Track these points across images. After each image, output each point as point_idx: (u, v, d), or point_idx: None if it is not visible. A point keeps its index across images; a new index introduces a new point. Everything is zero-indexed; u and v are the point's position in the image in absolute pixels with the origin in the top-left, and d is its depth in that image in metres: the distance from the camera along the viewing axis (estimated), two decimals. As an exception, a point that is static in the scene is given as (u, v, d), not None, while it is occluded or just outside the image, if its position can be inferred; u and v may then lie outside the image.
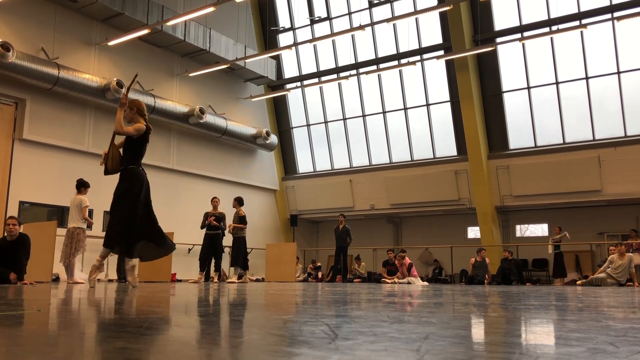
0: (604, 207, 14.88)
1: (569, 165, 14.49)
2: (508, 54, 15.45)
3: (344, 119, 18.05)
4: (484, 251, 13.97)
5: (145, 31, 13.22)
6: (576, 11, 14.29)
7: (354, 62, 17.56)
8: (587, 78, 14.45)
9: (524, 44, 14.82)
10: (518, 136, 15.58)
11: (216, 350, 1.46)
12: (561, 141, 15.00)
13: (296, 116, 18.99)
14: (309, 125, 18.70)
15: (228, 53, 15.98)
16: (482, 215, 15.44)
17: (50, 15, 12.53)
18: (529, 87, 15.26)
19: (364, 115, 17.72)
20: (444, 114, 16.51)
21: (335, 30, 17.02)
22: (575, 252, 15.11)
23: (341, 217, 13.91)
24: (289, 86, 18.60)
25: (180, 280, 12.59)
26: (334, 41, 17.57)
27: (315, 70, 18.25)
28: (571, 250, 14.89)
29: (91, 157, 12.64)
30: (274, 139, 17.83)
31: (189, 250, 14.66)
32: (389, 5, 16.66)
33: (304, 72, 18.46)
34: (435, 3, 15.54)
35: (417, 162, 16.91)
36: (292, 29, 18.35)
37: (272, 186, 18.73)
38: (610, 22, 13.72)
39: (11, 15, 11.81)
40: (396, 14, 16.09)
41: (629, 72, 14.01)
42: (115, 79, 12.85)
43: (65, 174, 12.08)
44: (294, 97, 18.80)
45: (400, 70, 16.57)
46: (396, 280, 13.04)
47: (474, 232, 17.00)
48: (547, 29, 14.49)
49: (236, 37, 16.72)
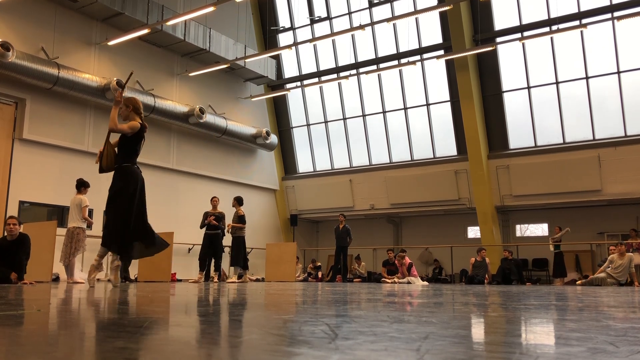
0: (604, 206, 14.88)
1: (569, 165, 14.49)
2: (508, 53, 15.45)
3: (344, 118, 18.05)
4: (484, 251, 13.97)
5: (145, 31, 13.22)
6: (576, 11, 14.29)
7: (354, 61, 17.56)
8: (587, 78, 14.45)
9: (524, 44, 14.82)
10: (518, 136, 15.58)
11: (216, 350, 1.46)
12: (561, 141, 15.01)
13: (296, 116, 18.98)
14: (309, 125, 18.70)
15: (228, 53, 15.98)
16: (482, 215, 15.45)
17: (50, 15, 12.53)
18: (529, 87, 15.26)
19: (364, 115, 17.72)
20: (444, 114, 16.51)
21: (335, 30, 17.01)
22: (575, 251, 15.11)
23: (341, 217, 13.90)
24: (289, 86, 18.59)
25: (180, 280, 12.59)
26: (334, 41, 17.56)
27: (315, 70, 18.24)
28: (571, 250, 14.90)
29: (91, 156, 12.62)
30: (274, 138, 17.82)
31: (189, 250, 14.67)
32: (389, 5, 16.66)
33: (304, 72, 18.45)
34: (435, 3, 15.54)
35: (417, 162, 16.91)
36: (292, 28, 18.34)
37: (272, 186, 18.73)
38: (610, 22, 13.72)
39: (11, 15, 11.81)
40: (396, 14, 16.09)
41: (629, 72, 14.01)
42: (115, 78, 12.85)
43: (65, 174, 12.08)
44: (294, 96, 18.80)
45: (400, 70, 16.57)
46: (396, 280, 13.05)
47: (474, 232, 17.00)
48: (547, 29, 14.49)
49: (236, 37, 16.72)
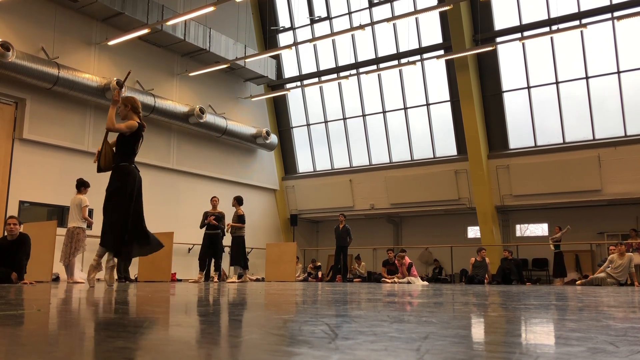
0: (604, 206, 14.88)
1: (569, 165, 14.49)
2: (508, 53, 15.44)
3: (344, 118, 18.04)
4: (483, 251, 13.97)
5: (145, 31, 13.22)
6: (576, 11, 14.29)
7: (354, 61, 17.56)
8: (587, 78, 14.45)
9: (524, 44, 14.81)
10: (518, 136, 15.58)
11: (216, 350, 1.46)
12: (561, 141, 15.00)
13: (296, 116, 18.98)
14: (309, 125, 18.69)
15: (228, 53, 15.98)
16: (482, 215, 15.45)
17: (50, 14, 12.53)
18: (529, 87, 15.25)
19: (364, 115, 17.72)
20: (444, 114, 16.51)
21: (335, 30, 17.00)
22: (575, 251, 15.11)
23: (341, 217, 13.90)
24: (289, 86, 18.59)
25: (180, 280, 12.59)
26: (334, 41, 17.56)
27: (315, 69, 18.24)
28: (571, 250, 14.90)
29: (91, 156, 12.59)
30: (274, 138, 17.82)
31: (189, 249, 14.67)
32: (389, 4, 16.66)
33: (304, 72, 18.45)
34: (435, 3, 15.53)
35: (417, 162, 16.90)
36: (292, 28, 18.34)
37: (272, 186, 18.73)
38: (610, 22, 13.72)
39: (11, 15, 11.81)
40: (396, 14, 16.09)
41: (629, 72, 14.01)
42: (115, 78, 12.85)
43: (65, 174, 12.08)
44: (294, 96, 18.80)
45: (400, 70, 16.56)
46: (396, 279, 13.05)
47: (474, 232, 17.00)
48: (547, 29, 14.49)
49: (236, 37, 16.72)
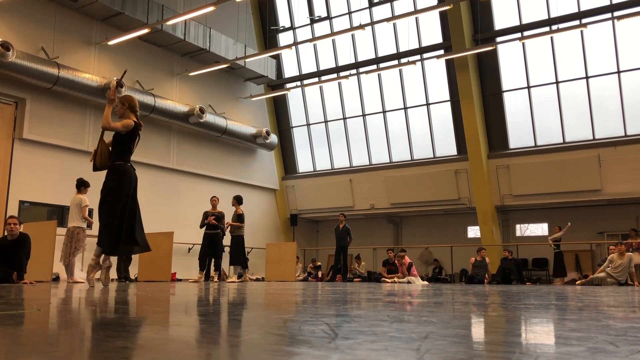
0: (604, 206, 14.88)
1: (569, 164, 14.49)
2: (508, 53, 15.44)
3: (344, 118, 18.04)
4: (483, 251, 13.98)
5: (145, 30, 13.22)
6: (576, 10, 14.28)
7: (354, 61, 17.55)
8: (587, 77, 14.45)
9: (524, 44, 14.81)
10: (518, 136, 15.57)
11: (216, 350, 1.46)
12: (561, 141, 15.00)
13: (296, 115, 18.98)
14: (309, 125, 18.69)
15: (228, 52, 15.98)
16: (482, 215, 15.44)
17: (50, 14, 12.53)
18: (529, 87, 15.25)
19: (364, 115, 17.71)
20: (444, 114, 16.51)
21: (335, 30, 17.00)
22: (575, 251, 15.11)
23: (341, 217, 13.90)
24: (289, 85, 18.59)
25: (180, 280, 12.59)
26: (334, 40, 17.56)
27: (315, 69, 18.24)
28: (571, 250, 14.91)
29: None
30: (274, 138, 17.82)
31: (188, 249, 14.67)
32: (389, 4, 16.65)
33: (304, 72, 18.45)
34: (435, 2, 15.53)
35: (417, 162, 16.90)
36: (292, 28, 18.34)
37: (272, 185, 18.73)
38: (611, 22, 13.72)
39: (11, 15, 11.81)
40: (396, 14, 16.09)
41: (629, 72, 14.00)
42: (115, 78, 12.85)
43: (65, 174, 12.08)
44: (294, 96, 18.79)
45: (400, 70, 16.56)
46: (396, 279, 13.05)
47: (474, 232, 17.00)
48: (547, 29, 14.48)
49: (236, 37, 16.71)
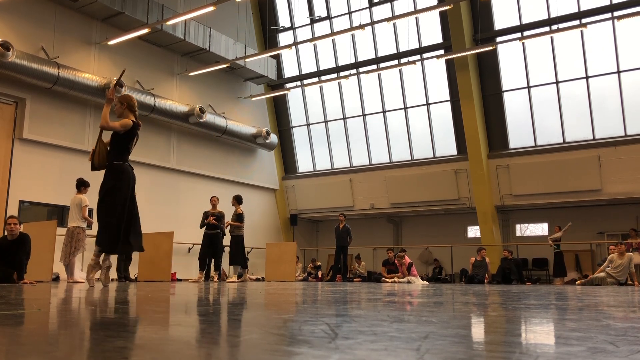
0: (604, 206, 14.88)
1: (569, 164, 14.49)
2: (508, 53, 15.44)
3: (344, 118, 18.04)
4: (483, 250, 13.98)
5: (145, 30, 13.22)
6: (576, 10, 14.28)
7: (354, 61, 17.55)
8: (587, 77, 14.44)
9: (524, 43, 14.81)
10: (518, 135, 15.57)
11: (216, 350, 1.46)
12: (561, 140, 15.00)
13: (296, 115, 18.98)
14: (309, 125, 18.69)
15: (228, 52, 15.98)
16: (482, 215, 15.44)
17: (50, 14, 12.52)
18: (529, 87, 15.25)
19: (364, 115, 17.71)
20: (444, 114, 16.51)
21: (335, 30, 17.00)
22: (575, 251, 15.11)
23: (341, 217, 13.90)
24: (289, 85, 18.58)
25: (180, 280, 12.60)
26: (334, 40, 17.55)
27: (315, 69, 18.23)
28: (571, 250, 14.91)
29: (91, 156, 12.63)
30: (274, 138, 17.82)
31: (189, 249, 14.67)
32: (389, 4, 16.65)
33: (304, 72, 18.44)
34: (435, 2, 15.53)
35: (417, 162, 16.90)
36: (292, 28, 18.34)
37: (272, 185, 18.73)
38: (611, 22, 13.71)
39: (11, 15, 11.81)
40: (396, 13, 16.08)
41: (629, 72, 14.00)
42: (115, 78, 12.85)
43: (65, 174, 12.08)
44: (294, 96, 18.79)
45: (400, 70, 16.56)
46: (396, 279, 13.05)
47: (474, 232, 17.00)
48: (547, 28, 14.48)
49: (236, 37, 16.71)
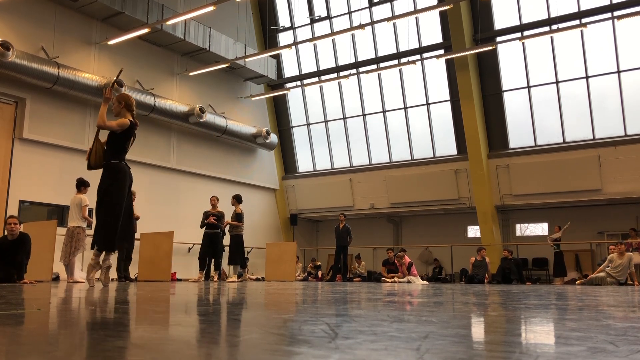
0: (604, 206, 14.88)
1: (569, 164, 14.49)
2: (508, 53, 15.44)
3: (344, 118, 18.04)
4: (483, 250, 13.98)
5: (145, 30, 13.22)
6: (576, 10, 14.28)
7: (354, 61, 17.55)
8: (587, 77, 14.44)
9: (524, 43, 14.81)
10: (518, 135, 15.57)
11: (216, 350, 1.46)
12: (561, 140, 15.00)
13: (296, 115, 18.98)
14: (309, 125, 18.69)
15: (228, 52, 15.97)
16: (482, 215, 15.44)
17: (50, 14, 12.52)
18: (529, 86, 15.25)
19: (364, 115, 17.71)
20: (444, 113, 16.51)
21: (335, 30, 17.00)
22: (575, 251, 15.12)
23: (341, 216, 13.90)
24: (289, 85, 18.58)
25: (180, 280, 12.60)
26: (334, 40, 17.55)
27: (315, 69, 18.23)
28: (571, 250, 14.91)
29: (91, 156, 12.62)
30: (274, 138, 17.82)
31: (189, 249, 14.67)
32: (389, 4, 16.64)
33: (304, 71, 18.44)
34: (435, 2, 15.53)
35: (417, 162, 16.90)
36: (292, 28, 18.34)
37: (272, 185, 18.73)
38: (611, 21, 13.71)
39: (11, 15, 11.81)
40: (396, 13, 16.08)
41: (629, 71, 14.00)
42: (114, 78, 12.83)
43: (65, 173, 12.08)
44: (294, 96, 18.79)
45: (400, 70, 16.56)
46: (396, 279, 13.05)
47: (474, 231, 17.00)
48: (547, 28, 14.48)
49: (236, 36, 16.71)
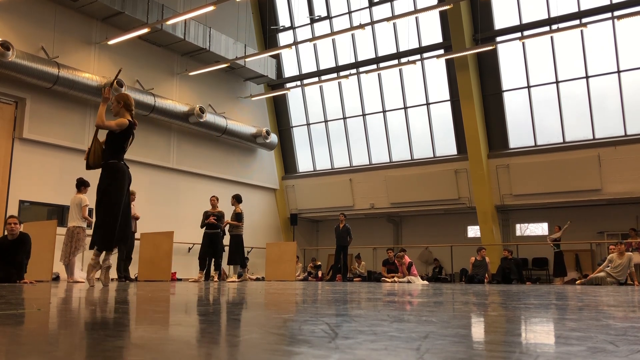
0: (603, 206, 14.88)
1: (569, 164, 14.49)
2: (508, 52, 15.44)
3: (344, 118, 18.04)
4: (483, 250, 13.98)
5: (145, 30, 13.22)
6: (576, 10, 14.28)
7: (354, 61, 17.55)
8: (587, 77, 14.44)
9: (524, 43, 14.80)
10: (518, 135, 15.57)
11: (216, 350, 1.46)
12: (561, 140, 15.00)
13: (296, 115, 18.98)
14: (309, 125, 18.69)
15: (228, 52, 15.97)
16: (482, 214, 15.44)
17: (50, 14, 12.52)
18: (529, 86, 15.25)
19: (364, 115, 17.71)
20: (444, 113, 16.50)
21: (335, 29, 17.00)
22: (575, 251, 15.12)
23: (342, 216, 13.90)
24: (289, 85, 18.58)
25: (180, 280, 12.60)
26: (334, 40, 17.55)
27: (315, 69, 18.23)
28: (571, 250, 14.91)
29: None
30: (274, 138, 17.82)
31: (189, 249, 14.67)
32: (389, 4, 16.64)
33: (304, 71, 18.44)
34: (435, 2, 15.52)
35: (417, 161, 16.90)
36: (292, 28, 18.33)
37: (272, 185, 18.73)
38: (611, 21, 13.71)
39: (11, 14, 11.81)
40: (396, 13, 16.08)
41: (629, 71, 14.00)
42: (113, 78, 12.84)
43: (65, 173, 12.08)
44: (294, 96, 18.79)
45: (400, 69, 16.56)
46: (396, 279, 13.05)
47: (474, 231, 17.00)
48: (547, 28, 14.48)
49: (236, 36, 16.71)
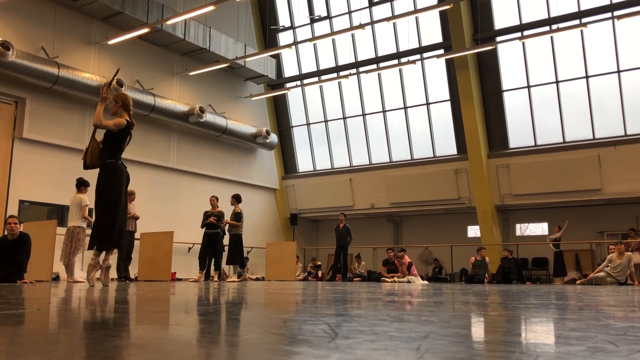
0: (603, 206, 14.88)
1: (569, 164, 14.49)
2: (508, 52, 15.43)
3: (344, 117, 18.03)
4: (483, 250, 13.98)
5: (145, 30, 13.22)
6: (576, 10, 14.28)
7: (354, 61, 17.55)
8: (587, 77, 14.44)
9: (524, 43, 14.80)
10: (518, 135, 15.57)
11: (216, 349, 1.46)
12: (561, 140, 15.00)
13: (296, 115, 18.98)
14: (309, 124, 18.69)
15: (228, 52, 15.97)
16: (482, 214, 15.44)
17: (50, 14, 12.52)
18: (529, 86, 15.25)
19: (364, 114, 17.71)
20: (444, 113, 16.50)
21: (335, 29, 16.99)
22: (575, 251, 15.12)
23: (342, 216, 13.89)
24: (289, 85, 18.58)
25: (180, 279, 12.60)
26: (334, 40, 17.55)
27: (315, 69, 18.23)
28: (571, 249, 14.91)
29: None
30: (274, 137, 17.82)
31: (189, 249, 14.67)
32: (389, 4, 16.64)
33: (304, 71, 18.44)
34: (435, 2, 15.52)
35: (417, 161, 16.90)
36: (292, 27, 18.33)
37: (272, 185, 18.73)
38: (611, 21, 13.71)
39: (11, 14, 11.81)
40: (396, 13, 16.08)
41: (629, 71, 13.99)
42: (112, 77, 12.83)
43: (65, 173, 12.07)
44: (294, 96, 18.79)
45: (400, 69, 16.55)
46: (396, 279, 13.05)
47: (474, 231, 17.00)
48: (547, 28, 14.48)
49: (236, 36, 16.71)
